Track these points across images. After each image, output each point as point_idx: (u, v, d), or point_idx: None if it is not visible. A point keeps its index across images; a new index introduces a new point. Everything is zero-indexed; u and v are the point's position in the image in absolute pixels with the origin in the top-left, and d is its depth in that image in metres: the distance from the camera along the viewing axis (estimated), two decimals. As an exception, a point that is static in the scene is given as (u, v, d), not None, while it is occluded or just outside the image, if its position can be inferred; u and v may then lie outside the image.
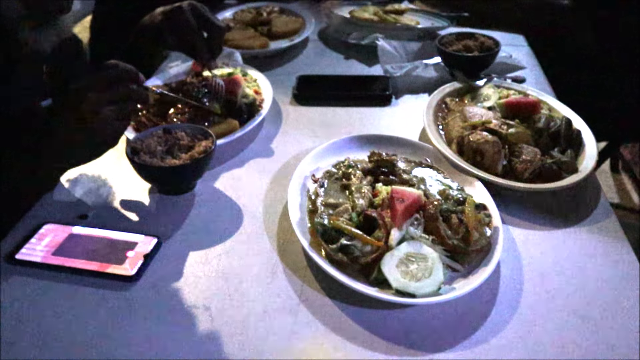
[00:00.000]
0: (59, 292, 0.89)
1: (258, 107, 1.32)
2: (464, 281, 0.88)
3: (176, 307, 0.87)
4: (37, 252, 0.95)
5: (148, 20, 1.33)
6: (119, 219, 1.05)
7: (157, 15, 1.31)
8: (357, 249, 0.90)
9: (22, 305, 0.87)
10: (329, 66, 1.66)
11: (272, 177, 1.16)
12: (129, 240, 0.98)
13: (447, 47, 1.53)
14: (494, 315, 0.86)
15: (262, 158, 1.22)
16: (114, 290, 0.89)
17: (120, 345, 0.80)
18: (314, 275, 0.92)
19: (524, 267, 0.95)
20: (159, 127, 1.12)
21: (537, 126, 1.22)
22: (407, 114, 1.40)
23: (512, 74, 1.58)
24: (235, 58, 1.54)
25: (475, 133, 1.17)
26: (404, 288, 0.84)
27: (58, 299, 0.88)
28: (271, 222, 1.04)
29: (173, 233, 1.01)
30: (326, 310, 0.86)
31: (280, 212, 1.07)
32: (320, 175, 1.10)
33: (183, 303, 0.87)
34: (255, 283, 0.91)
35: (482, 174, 1.10)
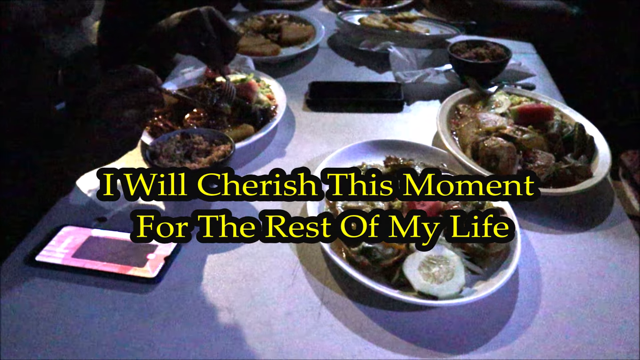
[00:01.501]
0: (79, 294, 0.90)
1: (272, 112, 1.33)
2: (484, 284, 0.89)
3: (198, 309, 0.87)
4: (57, 254, 0.96)
5: (164, 24, 1.34)
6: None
7: (174, 19, 1.32)
8: (379, 251, 0.90)
9: (42, 307, 0.87)
10: (339, 73, 1.67)
11: (288, 181, 1.17)
12: (149, 242, 0.98)
13: (459, 54, 1.55)
14: (515, 318, 0.86)
15: (278, 162, 1.23)
16: (135, 293, 0.90)
17: (143, 348, 0.81)
18: (334, 277, 0.93)
19: (541, 270, 0.96)
20: (177, 132, 1.13)
21: (550, 132, 1.23)
22: (419, 120, 1.42)
23: (522, 81, 1.59)
24: (247, 64, 1.55)
25: (490, 139, 1.18)
26: (426, 290, 0.85)
27: (79, 301, 0.88)
28: (290, 225, 1.05)
29: (192, 236, 1.01)
30: (348, 312, 0.86)
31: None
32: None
33: (205, 305, 0.88)
34: (277, 285, 0.91)
35: (498, 179, 1.10)
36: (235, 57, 1.55)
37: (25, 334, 0.82)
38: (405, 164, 1.11)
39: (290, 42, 1.78)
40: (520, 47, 1.81)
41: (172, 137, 1.11)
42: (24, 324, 0.84)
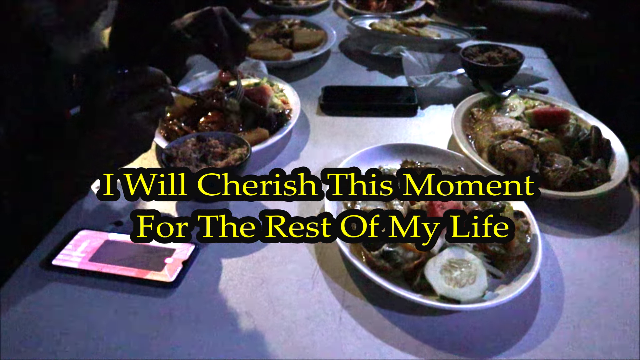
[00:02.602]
0: (96, 298, 0.89)
1: (287, 116, 1.32)
2: (506, 288, 0.88)
3: (218, 313, 0.86)
4: (74, 258, 0.95)
5: (178, 23, 1.37)
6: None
7: (187, 18, 1.35)
8: (399, 255, 0.89)
9: (59, 311, 0.86)
10: (352, 77, 1.67)
11: (304, 185, 1.16)
12: (166, 247, 0.97)
13: (471, 58, 1.54)
14: (538, 322, 0.85)
15: (294, 166, 1.22)
16: (153, 297, 0.89)
17: (162, 352, 0.80)
18: (354, 281, 0.92)
19: (563, 274, 0.95)
20: (192, 135, 1.13)
21: (566, 135, 1.23)
22: (433, 124, 1.41)
23: (535, 85, 1.58)
24: (260, 68, 1.55)
25: (507, 142, 1.17)
26: (449, 294, 0.84)
27: (96, 306, 0.88)
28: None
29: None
30: (370, 317, 0.85)
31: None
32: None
33: (224, 309, 0.87)
34: (296, 289, 0.90)
35: (516, 182, 1.10)
36: (248, 62, 1.56)
37: (42, 339, 0.81)
38: (423, 168, 1.10)
39: (302, 46, 1.78)
40: (531, 52, 1.80)
41: (187, 141, 1.10)
42: (41, 329, 0.83)
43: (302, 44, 1.79)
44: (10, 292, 0.89)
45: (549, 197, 1.09)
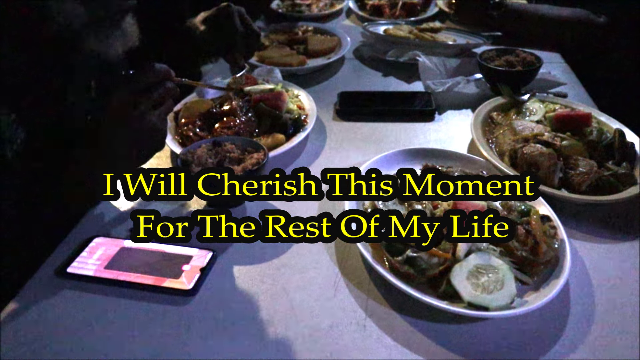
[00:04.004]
0: (112, 306, 0.87)
1: (303, 121, 1.30)
2: (535, 294, 0.85)
3: (238, 322, 0.84)
4: (89, 266, 0.93)
5: (193, 20, 1.44)
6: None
7: (204, 13, 1.42)
8: (424, 261, 0.86)
9: (74, 320, 0.84)
10: (367, 83, 1.65)
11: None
12: (183, 253, 0.95)
13: (489, 62, 1.52)
14: (570, 330, 0.82)
15: (312, 171, 1.20)
16: (171, 305, 0.86)
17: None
18: (378, 288, 0.89)
19: (592, 280, 0.92)
20: (208, 140, 1.11)
21: (589, 139, 1.20)
22: (451, 128, 1.38)
23: (554, 89, 1.56)
24: (275, 74, 1.53)
25: (529, 145, 1.15)
26: (476, 301, 0.81)
27: (112, 314, 0.85)
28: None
29: (227, 246, 0.98)
30: (395, 325, 0.82)
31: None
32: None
33: (245, 318, 0.84)
34: (318, 297, 0.88)
35: (541, 187, 1.07)
36: (262, 68, 1.55)
37: (57, 348, 0.79)
38: (445, 172, 1.08)
39: (316, 53, 1.76)
40: (549, 57, 1.77)
41: (203, 145, 1.08)
42: (56, 337, 0.81)
43: (316, 50, 1.77)
44: (25, 301, 0.87)
45: (575, 201, 1.06)
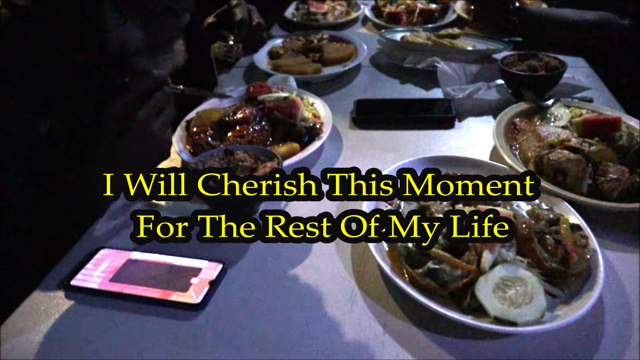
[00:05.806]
0: (117, 321, 0.83)
1: (318, 130, 1.26)
2: (567, 308, 0.79)
3: (248, 338, 0.79)
4: (94, 278, 0.90)
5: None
6: (179, 243, 0.98)
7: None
8: (446, 273, 0.81)
9: (78, 334, 0.81)
10: (384, 91, 1.60)
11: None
12: (192, 266, 0.91)
13: (511, 67, 1.46)
14: (604, 347, 0.76)
15: (327, 180, 1.16)
16: (178, 319, 0.82)
17: (189, 380, 0.73)
18: (397, 302, 0.84)
19: (627, 292, 0.86)
20: (219, 149, 1.07)
21: (618, 144, 1.14)
22: (472, 135, 1.33)
23: (579, 94, 1.50)
24: (289, 83, 1.50)
25: (556, 151, 1.09)
26: (504, 315, 0.75)
27: (117, 329, 0.82)
28: (342, 246, 0.96)
29: (238, 259, 0.94)
30: (415, 341, 0.77)
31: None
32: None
33: (256, 334, 0.79)
34: (334, 312, 0.83)
35: (570, 194, 1.01)
36: (277, 76, 1.52)
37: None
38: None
39: (332, 61, 1.72)
40: (572, 61, 1.71)
41: (214, 154, 1.05)
42: (59, 352, 0.78)
43: (331, 58, 1.73)
44: (27, 314, 0.84)
45: (606, 209, 1.01)
